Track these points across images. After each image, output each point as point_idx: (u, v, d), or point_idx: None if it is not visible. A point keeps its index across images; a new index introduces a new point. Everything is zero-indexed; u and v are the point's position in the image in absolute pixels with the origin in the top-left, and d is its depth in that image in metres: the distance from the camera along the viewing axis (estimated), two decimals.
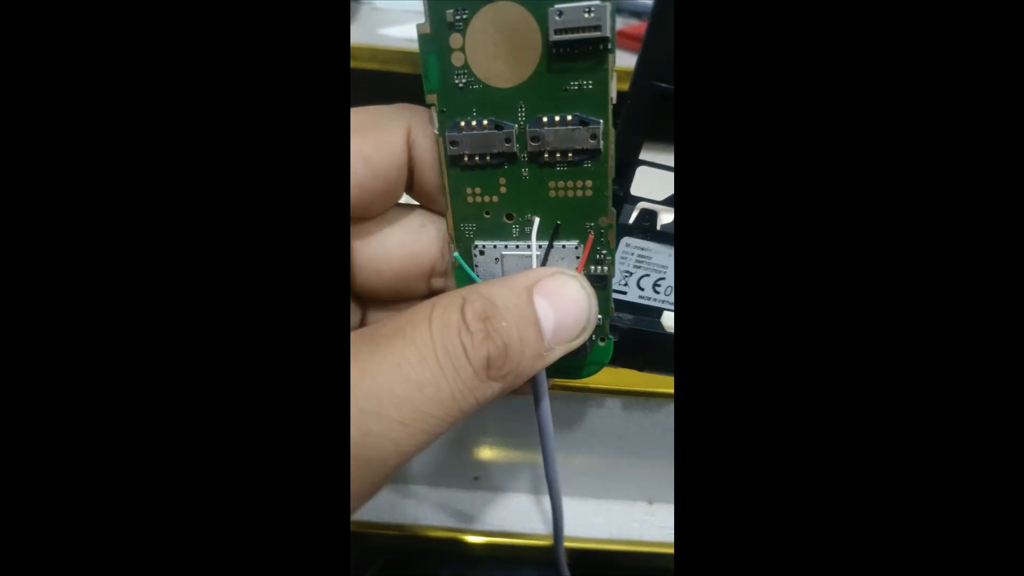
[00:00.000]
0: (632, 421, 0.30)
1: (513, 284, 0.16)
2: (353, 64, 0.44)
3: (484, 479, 0.34)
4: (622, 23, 0.58)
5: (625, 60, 0.16)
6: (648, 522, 0.33)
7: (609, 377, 0.27)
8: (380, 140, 0.17)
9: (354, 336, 0.15)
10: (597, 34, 0.14)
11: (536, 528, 0.33)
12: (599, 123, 0.15)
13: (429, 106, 0.16)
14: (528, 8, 0.15)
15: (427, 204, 0.19)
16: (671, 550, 0.32)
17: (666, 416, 0.30)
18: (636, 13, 0.59)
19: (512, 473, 0.34)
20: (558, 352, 0.16)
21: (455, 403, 0.14)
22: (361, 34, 0.47)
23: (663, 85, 0.16)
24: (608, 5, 0.14)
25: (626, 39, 0.51)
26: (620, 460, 0.32)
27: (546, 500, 0.24)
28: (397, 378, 0.14)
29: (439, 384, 0.14)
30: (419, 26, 0.16)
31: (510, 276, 0.17)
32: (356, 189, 0.17)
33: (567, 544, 0.31)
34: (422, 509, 0.33)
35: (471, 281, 0.18)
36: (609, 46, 0.15)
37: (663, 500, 0.34)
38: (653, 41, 0.15)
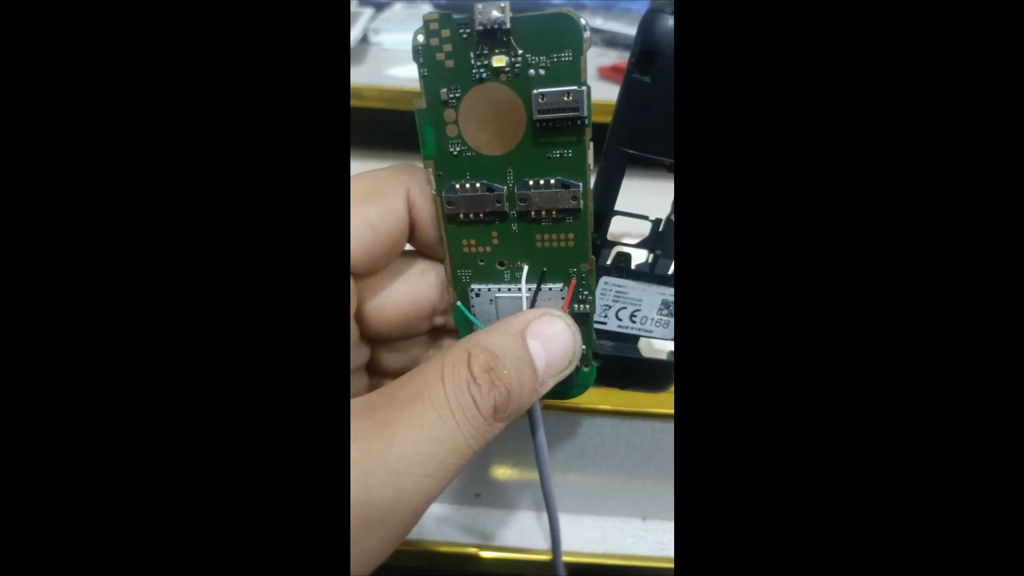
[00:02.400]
0: (621, 440, 0.32)
1: (508, 329, 0.18)
2: (360, 103, 0.46)
3: (486, 495, 0.35)
4: (616, 57, 0.60)
5: (612, 92, 0.18)
6: (642, 538, 0.34)
7: (598, 396, 0.29)
8: (384, 207, 0.19)
9: (375, 401, 0.17)
10: (575, 113, 0.16)
11: (536, 543, 0.34)
12: (579, 186, 0.17)
13: (426, 168, 0.18)
14: (515, 89, 0.17)
15: (426, 251, 0.21)
16: (666, 564, 0.33)
17: (651, 433, 0.31)
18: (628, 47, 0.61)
19: (513, 490, 0.35)
20: (550, 384, 0.18)
21: (469, 448, 0.16)
22: (368, 74, 0.49)
23: (630, 151, 0.18)
24: (585, 89, 0.16)
25: (617, 73, 0.54)
26: (614, 478, 0.34)
27: (545, 516, 0.25)
28: (421, 438, 0.16)
29: (455, 436, 0.16)
30: (416, 102, 0.17)
31: (505, 321, 0.18)
32: (364, 255, 0.19)
33: (565, 559, 0.32)
34: (425, 525, 0.34)
35: (471, 325, 0.20)
36: (586, 122, 0.17)
37: (656, 517, 0.35)
38: (620, 116, 0.18)
